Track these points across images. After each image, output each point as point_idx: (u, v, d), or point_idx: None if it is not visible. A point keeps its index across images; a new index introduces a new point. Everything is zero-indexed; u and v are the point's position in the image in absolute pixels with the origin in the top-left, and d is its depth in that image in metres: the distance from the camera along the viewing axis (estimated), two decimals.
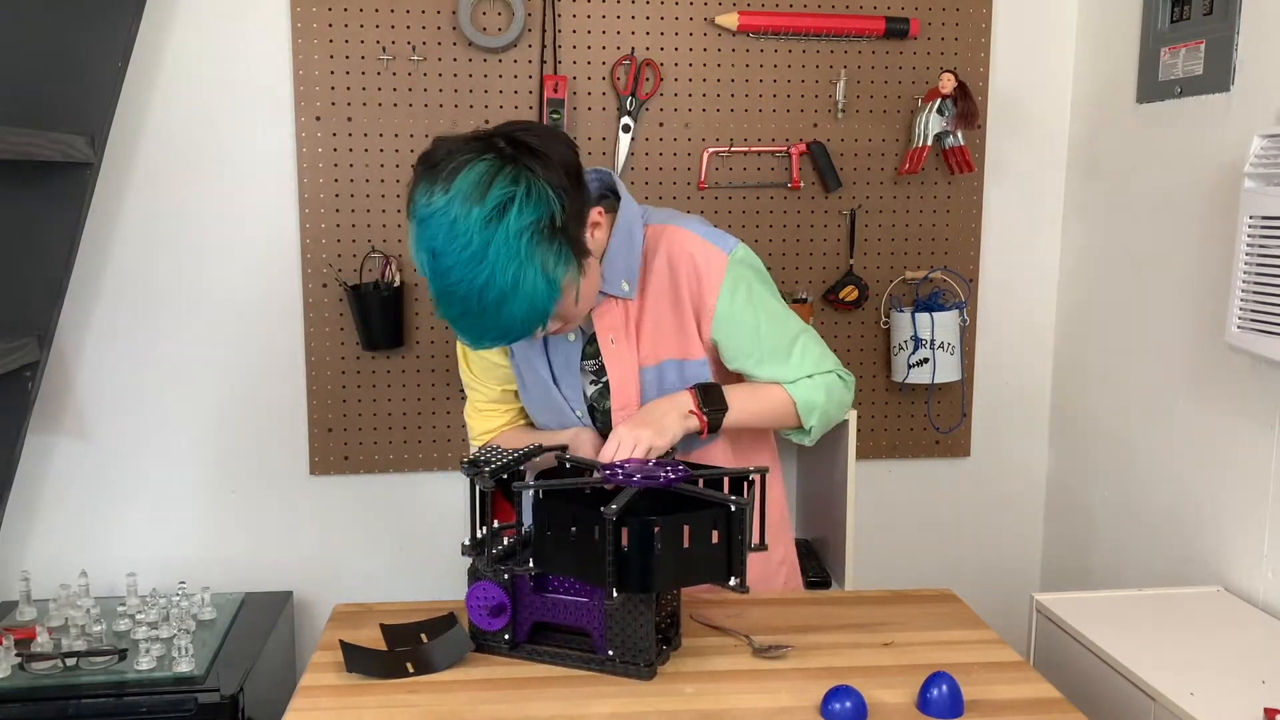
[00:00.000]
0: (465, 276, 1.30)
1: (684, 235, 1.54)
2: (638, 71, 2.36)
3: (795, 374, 1.56)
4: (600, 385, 1.57)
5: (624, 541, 1.26)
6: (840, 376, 1.60)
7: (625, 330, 1.52)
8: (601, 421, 1.59)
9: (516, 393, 1.67)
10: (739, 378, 1.59)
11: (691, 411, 1.47)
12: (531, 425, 1.69)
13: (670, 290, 1.53)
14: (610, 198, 1.55)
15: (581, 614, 1.37)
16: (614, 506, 1.26)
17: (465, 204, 1.30)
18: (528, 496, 1.40)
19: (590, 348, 1.56)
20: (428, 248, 1.32)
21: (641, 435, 1.41)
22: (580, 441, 1.55)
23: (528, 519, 1.43)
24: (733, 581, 1.32)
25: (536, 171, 1.33)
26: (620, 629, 1.35)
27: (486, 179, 1.31)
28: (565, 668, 1.39)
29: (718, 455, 1.60)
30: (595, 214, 1.45)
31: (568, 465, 1.49)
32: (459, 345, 1.66)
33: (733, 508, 1.30)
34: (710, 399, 1.48)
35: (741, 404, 1.51)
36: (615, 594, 1.27)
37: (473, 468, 1.39)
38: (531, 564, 1.35)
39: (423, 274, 1.35)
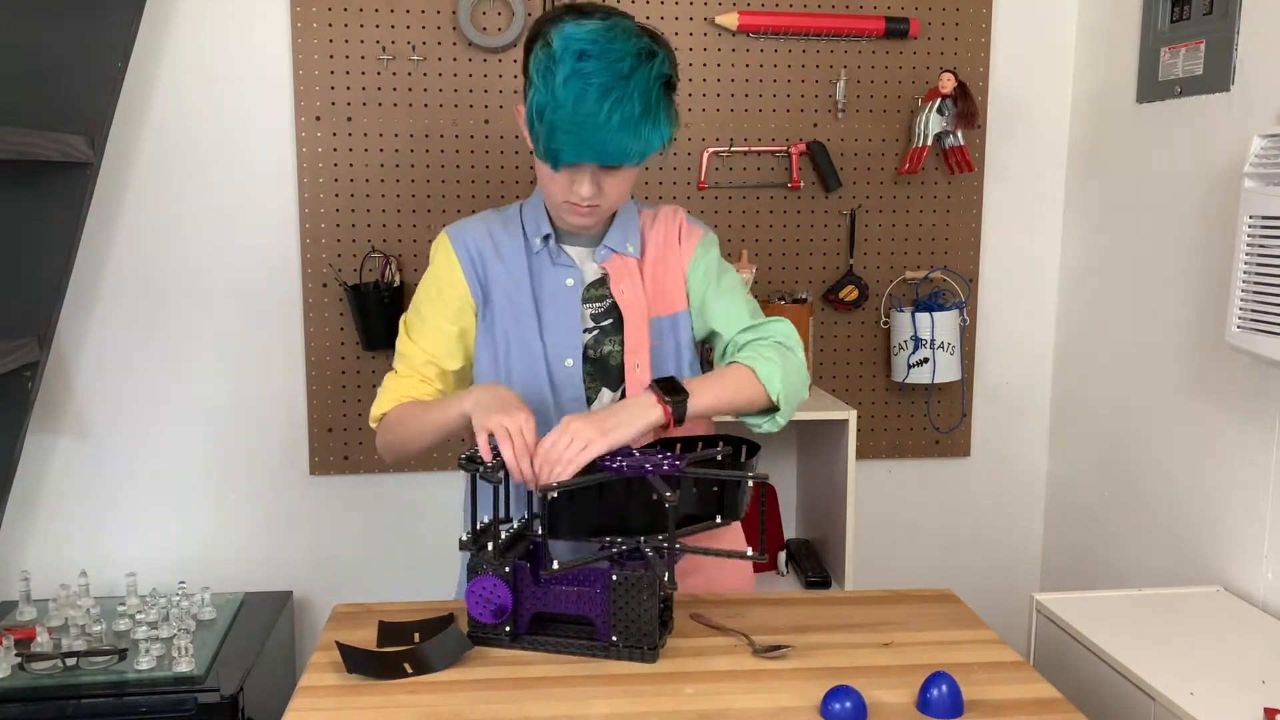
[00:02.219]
0: (606, 84, 1.39)
1: (677, 210, 1.70)
2: None
3: (750, 319, 1.63)
4: (597, 330, 1.60)
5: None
6: (782, 343, 1.59)
7: (633, 282, 1.61)
8: (598, 369, 1.60)
9: (440, 374, 1.63)
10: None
11: (656, 403, 1.44)
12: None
13: (664, 251, 1.65)
14: None
15: (584, 602, 1.39)
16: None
17: (624, 33, 1.43)
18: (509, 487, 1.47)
19: (592, 291, 1.61)
20: (577, 49, 1.40)
21: (583, 432, 1.39)
22: (487, 397, 1.48)
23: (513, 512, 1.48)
24: (750, 552, 1.39)
25: (668, 52, 1.49)
26: (623, 614, 1.37)
27: (637, 28, 1.47)
28: (565, 656, 1.39)
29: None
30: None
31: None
32: (419, 308, 1.63)
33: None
34: (672, 389, 1.47)
35: (704, 388, 1.49)
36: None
37: (471, 463, 1.40)
38: (542, 531, 1.36)
39: (549, 80, 1.40)
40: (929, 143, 2.38)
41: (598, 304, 1.62)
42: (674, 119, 1.49)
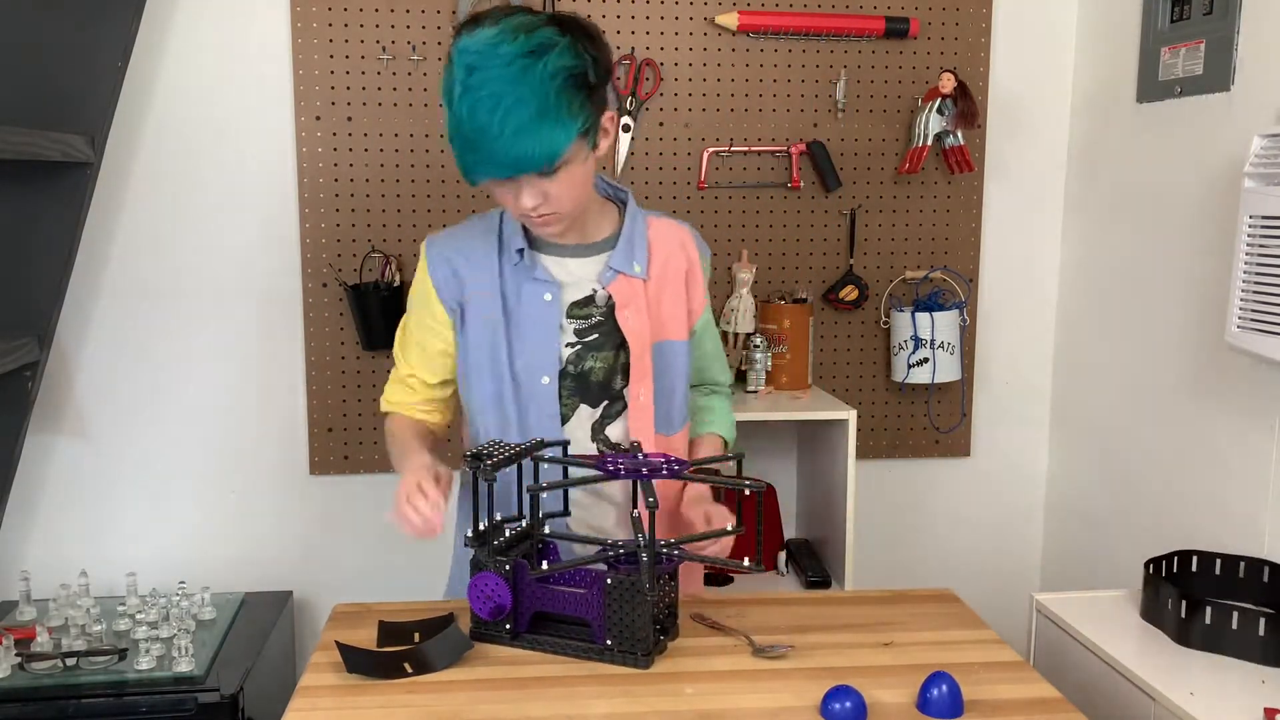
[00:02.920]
0: (496, 92, 1.36)
1: (685, 230, 1.68)
2: (638, 71, 2.36)
3: (726, 376, 1.79)
4: (579, 345, 1.57)
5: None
6: (730, 399, 1.80)
7: (638, 307, 1.58)
8: (578, 384, 1.58)
9: (423, 385, 1.65)
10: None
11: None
12: (431, 419, 1.69)
13: (671, 273, 1.63)
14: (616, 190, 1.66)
15: (581, 604, 1.39)
16: None
17: (513, 34, 1.38)
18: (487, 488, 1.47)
19: (579, 310, 1.58)
20: (465, 64, 1.37)
21: (723, 513, 1.53)
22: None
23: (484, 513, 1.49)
24: (747, 562, 1.39)
25: (578, 35, 1.42)
26: (618, 619, 1.37)
27: (534, 23, 1.41)
28: (565, 657, 1.40)
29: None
30: (609, 116, 1.50)
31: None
32: (408, 321, 1.65)
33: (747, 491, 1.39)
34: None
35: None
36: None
37: (474, 462, 1.41)
38: (545, 566, 1.40)
39: (449, 98, 1.40)
40: (929, 143, 2.38)
41: (582, 320, 1.58)
42: (583, 110, 1.41)
